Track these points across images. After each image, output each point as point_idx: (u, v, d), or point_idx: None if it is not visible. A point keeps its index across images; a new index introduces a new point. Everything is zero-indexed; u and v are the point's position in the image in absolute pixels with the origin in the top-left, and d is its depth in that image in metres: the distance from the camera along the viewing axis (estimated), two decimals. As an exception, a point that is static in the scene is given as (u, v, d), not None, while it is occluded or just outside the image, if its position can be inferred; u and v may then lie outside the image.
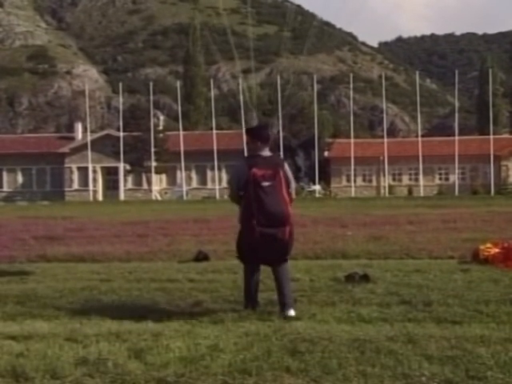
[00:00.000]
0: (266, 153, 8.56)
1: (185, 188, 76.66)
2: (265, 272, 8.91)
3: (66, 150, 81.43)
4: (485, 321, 7.81)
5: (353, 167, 77.31)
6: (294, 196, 8.65)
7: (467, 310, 8.35)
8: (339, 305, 8.89)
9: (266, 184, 8.26)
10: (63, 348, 6.74)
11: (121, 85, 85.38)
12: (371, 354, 6.30)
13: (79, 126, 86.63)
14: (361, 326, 7.69)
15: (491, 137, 75.37)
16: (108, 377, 5.72)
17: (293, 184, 8.65)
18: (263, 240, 8.23)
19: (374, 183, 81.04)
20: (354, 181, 78.47)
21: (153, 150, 76.53)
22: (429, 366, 5.85)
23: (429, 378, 5.41)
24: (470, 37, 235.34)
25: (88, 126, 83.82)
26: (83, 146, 79.73)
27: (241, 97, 79.73)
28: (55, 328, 7.81)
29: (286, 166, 8.60)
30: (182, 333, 7.29)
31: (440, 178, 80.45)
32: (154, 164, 77.27)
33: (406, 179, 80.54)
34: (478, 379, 5.45)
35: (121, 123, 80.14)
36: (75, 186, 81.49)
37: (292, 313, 8.25)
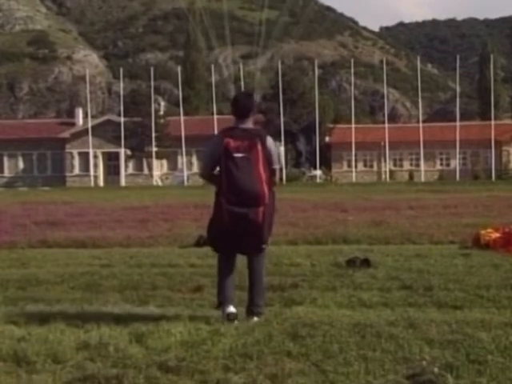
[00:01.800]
0: (247, 125, 7.35)
1: (186, 173, 76.64)
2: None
3: (66, 135, 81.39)
4: (485, 305, 7.82)
5: (354, 152, 77.24)
6: (277, 177, 7.48)
7: (468, 295, 8.36)
8: (340, 289, 8.90)
9: (238, 155, 7.07)
10: (64, 332, 6.75)
11: (121, 70, 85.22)
12: (372, 338, 6.31)
13: (80, 112, 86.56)
14: (362, 310, 7.70)
15: (492, 122, 75.25)
16: (109, 361, 5.74)
17: (276, 166, 7.38)
18: (233, 221, 7.09)
19: (375, 168, 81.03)
20: (355, 166, 78.44)
21: (154, 135, 76.49)
22: (429, 350, 5.86)
23: (429, 362, 5.42)
24: (471, 22, 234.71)
25: (89, 111, 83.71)
26: (84, 132, 79.67)
27: (242, 82, 79.63)
28: (56, 313, 7.82)
29: (270, 141, 7.31)
30: (183, 317, 7.29)
31: (441, 164, 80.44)
32: (154, 149, 77.24)
33: (406, 164, 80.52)
34: (479, 363, 5.45)
35: (121, 108, 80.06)
36: (76, 171, 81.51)
37: (255, 320, 7.14)
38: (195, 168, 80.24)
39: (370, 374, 5.26)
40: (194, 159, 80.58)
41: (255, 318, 7.14)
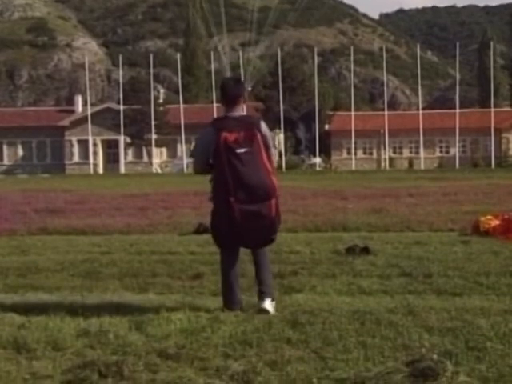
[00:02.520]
0: (238, 113, 7.03)
1: (185, 161, 76.57)
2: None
3: (66, 123, 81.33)
4: (485, 292, 7.83)
5: (353, 140, 77.21)
6: (275, 164, 7.26)
7: (467, 282, 8.37)
8: (340, 277, 8.91)
9: (241, 151, 6.75)
10: (64, 320, 6.76)
11: (121, 57, 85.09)
12: (371, 325, 6.32)
13: (79, 99, 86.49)
14: (361, 297, 7.71)
15: (492, 109, 75.16)
16: (109, 348, 5.75)
17: (272, 149, 7.11)
18: (245, 220, 6.78)
19: (375, 156, 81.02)
20: (355, 153, 78.41)
21: (153, 122, 76.44)
22: (429, 338, 5.87)
23: (429, 349, 5.43)
24: (471, 9, 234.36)
25: (88, 98, 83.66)
26: (83, 119, 79.61)
27: (241, 70, 79.49)
28: (56, 300, 7.84)
29: (264, 126, 7.03)
30: (182, 305, 7.31)
31: (441, 151, 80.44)
32: (154, 137, 77.20)
33: (406, 152, 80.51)
34: (478, 350, 5.47)
35: (121, 96, 79.98)
36: (75, 159, 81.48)
37: (267, 305, 6.93)
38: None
39: (370, 361, 5.27)
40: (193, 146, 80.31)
41: (267, 302, 6.92)
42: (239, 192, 6.75)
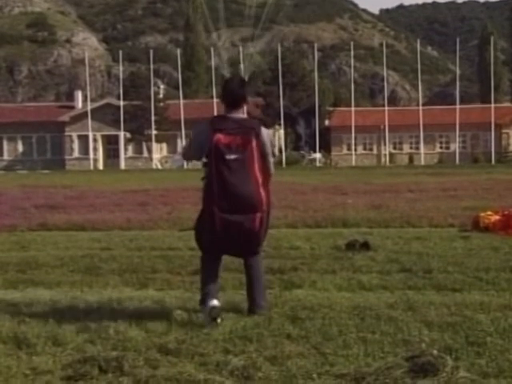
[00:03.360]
0: (239, 115, 6.65)
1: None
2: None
3: (66, 118, 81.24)
4: (484, 288, 7.84)
5: (353, 136, 77.14)
6: (272, 171, 6.80)
7: (467, 277, 8.37)
8: (339, 272, 8.91)
9: (231, 157, 6.36)
10: (64, 315, 6.77)
11: (121, 53, 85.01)
12: (371, 320, 6.33)
13: (79, 95, 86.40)
14: (361, 293, 7.72)
15: (492, 105, 75.08)
16: (109, 343, 5.76)
17: (270, 157, 6.74)
18: (226, 230, 6.44)
19: (375, 151, 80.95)
20: (355, 149, 78.35)
21: (153, 118, 76.37)
22: (428, 333, 5.88)
23: (428, 345, 5.44)
24: (471, 4, 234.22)
25: (88, 94, 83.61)
26: (83, 115, 79.54)
27: (241, 65, 79.45)
28: (56, 295, 7.85)
29: (264, 132, 6.63)
30: (182, 300, 7.33)
31: (441, 147, 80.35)
32: (154, 132, 77.14)
33: (406, 147, 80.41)
34: (478, 345, 5.48)
35: (121, 92, 79.90)
36: (75, 154, 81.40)
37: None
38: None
39: (370, 356, 5.28)
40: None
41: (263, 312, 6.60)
42: (223, 201, 6.40)
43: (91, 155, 79.32)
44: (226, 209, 6.40)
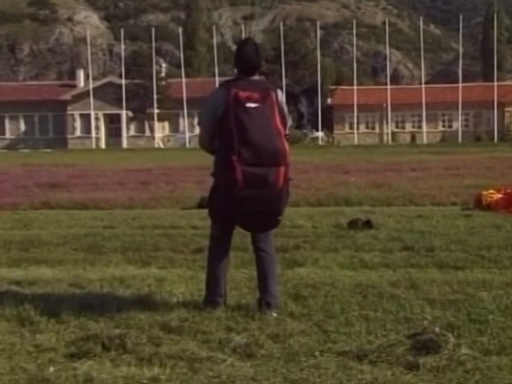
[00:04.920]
0: (254, 77, 6.09)
1: (187, 135, 76.48)
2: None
3: (68, 97, 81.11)
4: (487, 266, 7.85)
5: (356, 114, 77.05)
6: (287, 132, 6.10)
7: (469, 255, 8.38)
8: (342, 251, 8.92)
9: (251, 105, 5.79)
10: (67, 293, 6.80)
11: (122, 31, 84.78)
12: (374, 298, 6.34)
13: (81, 73, 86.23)
14: (363, 271, 7.73)
15: (495, 83, 74.88)
16: (112, 321, 5.77)
17: (289, 119, 6.17)
18: (248, 185, 5.73)
19: (377, 130, 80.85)
20: (357, 128, 78.28)
21: (155, 97, 76.28)
22: (431, 311, 5.90)
23: (431, 322, 5.45)
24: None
25: (90, 73, 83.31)
26: (85, 94, 79.41)
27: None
28: (59, 274, 7.87)
29: (281, 95, 6.10)
30: (185, 278, 7.34)
31: (443, 125, 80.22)
32: (156, 111, 77.06)
33: (409, 126, 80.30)
34: (480, 323, 5.49)
35: (123, 70, 79.76)
36: (78, 133, 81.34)
37: (274, 316, 5.86)
38: (197, 130, 79.86)
39: (372, 334, 5.29)
40: (196, 121, 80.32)
41: (274, 314, 5.86)
42: (244, 151, 5.72)
43: (93, 134, 79.30)
44: (248, 160, 5.73)
